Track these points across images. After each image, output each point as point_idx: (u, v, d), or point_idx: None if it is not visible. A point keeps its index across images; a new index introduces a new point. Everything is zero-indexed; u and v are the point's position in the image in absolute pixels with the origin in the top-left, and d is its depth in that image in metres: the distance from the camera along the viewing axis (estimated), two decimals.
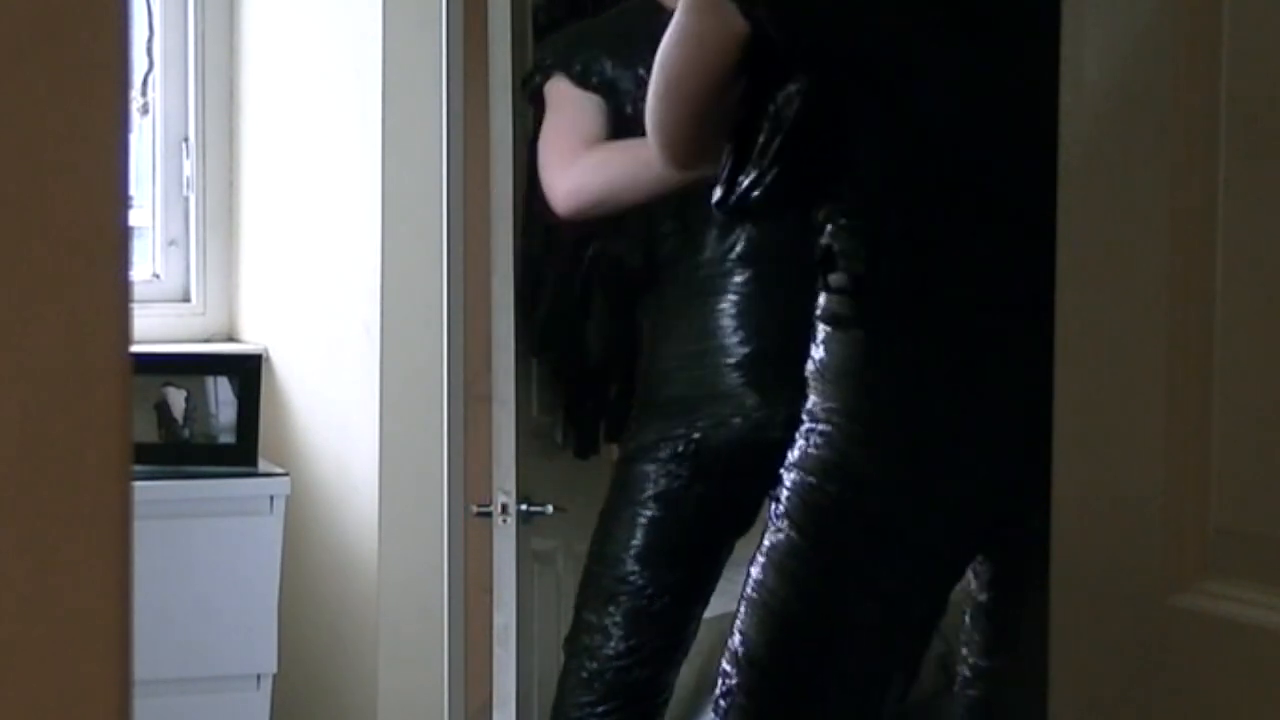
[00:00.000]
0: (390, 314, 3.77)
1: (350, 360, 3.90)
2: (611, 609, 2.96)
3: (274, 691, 4.02)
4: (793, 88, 2.32)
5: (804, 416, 2.38)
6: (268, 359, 4.17)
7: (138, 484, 0.98)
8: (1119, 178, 1.62)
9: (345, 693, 3.96)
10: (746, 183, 2.37)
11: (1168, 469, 1.56)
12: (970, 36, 2.33)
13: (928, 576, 2.38)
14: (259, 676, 4.01)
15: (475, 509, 3.11)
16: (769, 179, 2.36)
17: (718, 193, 2.41)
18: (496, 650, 3.09)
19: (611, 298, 3.22)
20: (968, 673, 2.51)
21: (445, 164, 3.21)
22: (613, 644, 2.97)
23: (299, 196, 4.13)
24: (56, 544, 0.95)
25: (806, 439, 2.36)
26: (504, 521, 3.05)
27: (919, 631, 2.43)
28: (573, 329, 3.22)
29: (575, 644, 3.02)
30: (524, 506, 3.05)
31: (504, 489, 3.04)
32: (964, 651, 2.51)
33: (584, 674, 2.99)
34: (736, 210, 2.42)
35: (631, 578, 2.96)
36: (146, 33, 4.25)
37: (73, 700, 0.95)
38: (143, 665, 1.02)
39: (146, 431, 3.98)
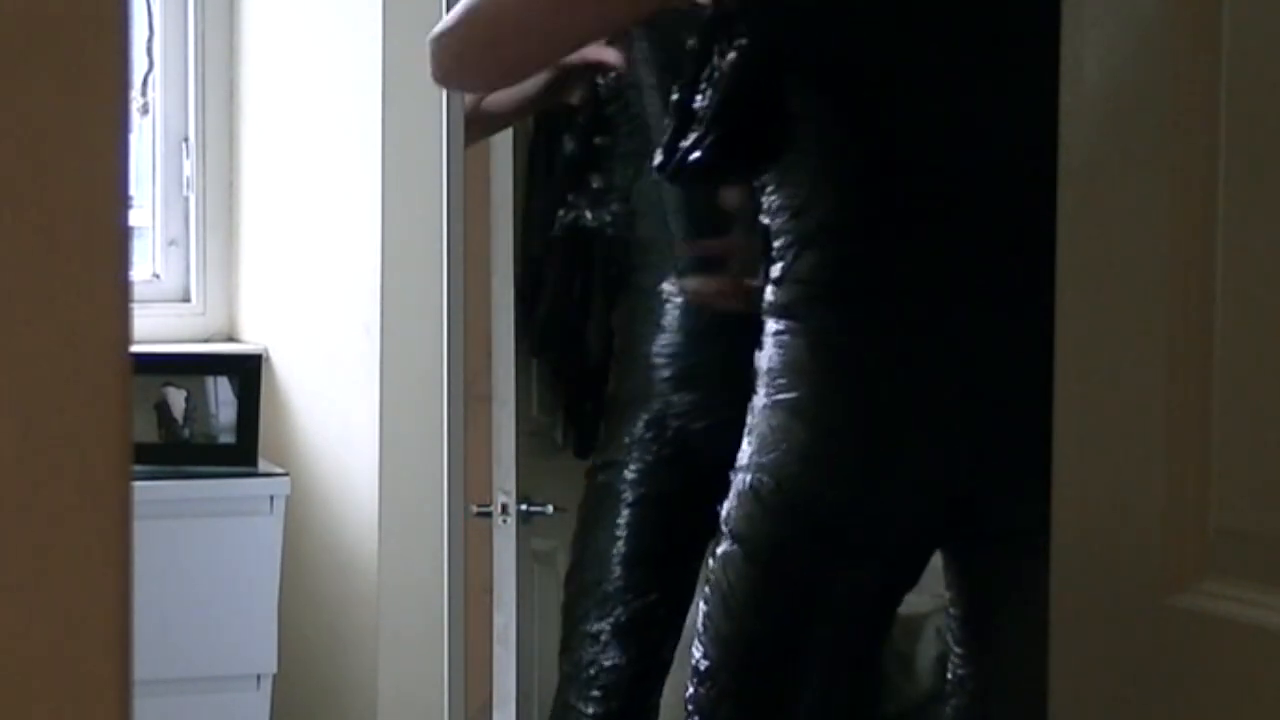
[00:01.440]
0: (390, 314, 3.76)
1: (350, 360, 3.89)
2: (606, 616, 2.95)
3: (274, 691, 4.02)
4: (735, 49, 2.26)
5: (749, 414, 2.31)
6: (268, 359, 4.17)
7: (138, 484, 0.98)
8: (1119, 178, 1.62)
9: (345, 693, 3.95)
10: (685, 147, 2.30)
11: (1168, 469, 1.56)
12: (935, 32, 2.28)
13: (868, 585, 2.33)
14: (259, 676, 4.00)
15: (475, 509, 3.10)
16: (708, 142, 2.28)
17: (659, 158, 2.34)
18: (496, 650, 3.09)
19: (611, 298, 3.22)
20: (952, 682, 2.43)
21: (445, 164, 3.21)
22: (608, 651, 2.95)
23: (299, 196, 4.13)
24: (56, 544, 0.95)
25: (749, 439, 2.30)
26: (504, 521, 3.04)
27: (864, 641, 2.37)
28: (573, 329, 3.22)
29: (570, 655, 3.00)
30: (524, 506, 3.05)
31: (504, 489, 3.04)
32: (951, 661, 2.44)
33: (580, 681, 2.98)
34: (677, 177, 2.36)
35: (620, 582, 2.94)
36: (146, 33, 4.25)
37: (73, 700, 0.95)
38: (143, 665, 1.02)
39: (146, 431, 3.98)
